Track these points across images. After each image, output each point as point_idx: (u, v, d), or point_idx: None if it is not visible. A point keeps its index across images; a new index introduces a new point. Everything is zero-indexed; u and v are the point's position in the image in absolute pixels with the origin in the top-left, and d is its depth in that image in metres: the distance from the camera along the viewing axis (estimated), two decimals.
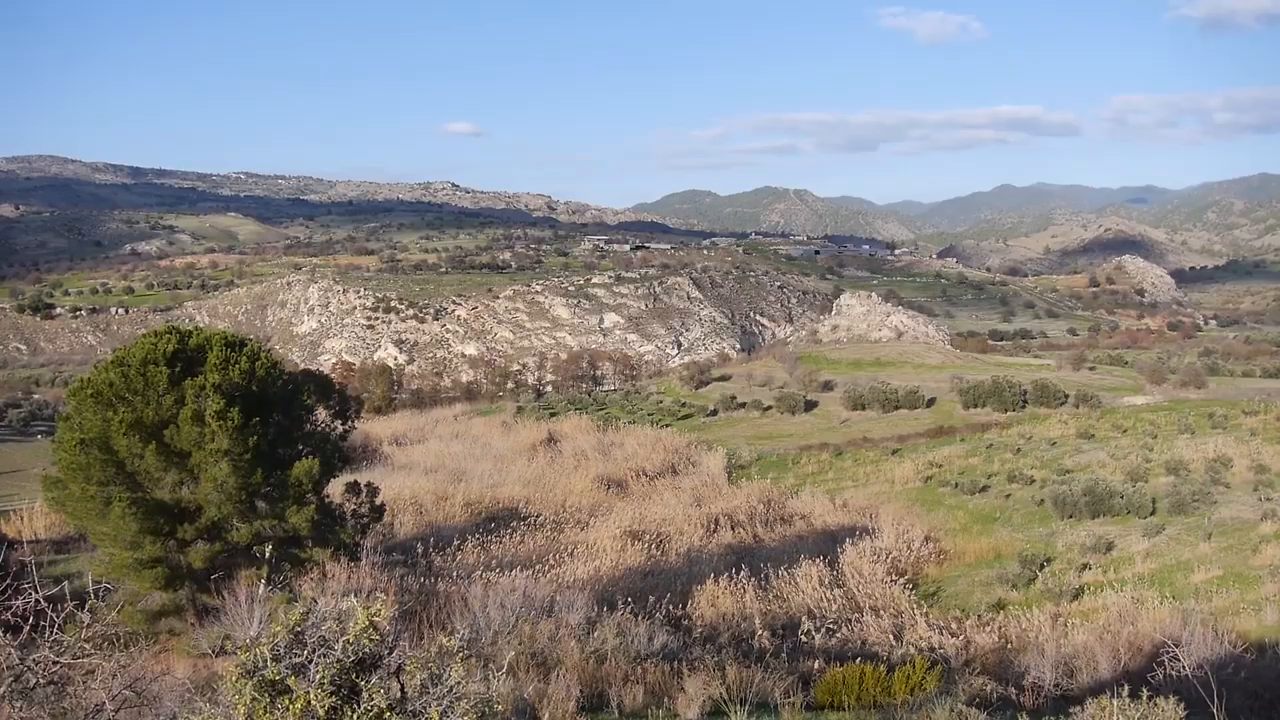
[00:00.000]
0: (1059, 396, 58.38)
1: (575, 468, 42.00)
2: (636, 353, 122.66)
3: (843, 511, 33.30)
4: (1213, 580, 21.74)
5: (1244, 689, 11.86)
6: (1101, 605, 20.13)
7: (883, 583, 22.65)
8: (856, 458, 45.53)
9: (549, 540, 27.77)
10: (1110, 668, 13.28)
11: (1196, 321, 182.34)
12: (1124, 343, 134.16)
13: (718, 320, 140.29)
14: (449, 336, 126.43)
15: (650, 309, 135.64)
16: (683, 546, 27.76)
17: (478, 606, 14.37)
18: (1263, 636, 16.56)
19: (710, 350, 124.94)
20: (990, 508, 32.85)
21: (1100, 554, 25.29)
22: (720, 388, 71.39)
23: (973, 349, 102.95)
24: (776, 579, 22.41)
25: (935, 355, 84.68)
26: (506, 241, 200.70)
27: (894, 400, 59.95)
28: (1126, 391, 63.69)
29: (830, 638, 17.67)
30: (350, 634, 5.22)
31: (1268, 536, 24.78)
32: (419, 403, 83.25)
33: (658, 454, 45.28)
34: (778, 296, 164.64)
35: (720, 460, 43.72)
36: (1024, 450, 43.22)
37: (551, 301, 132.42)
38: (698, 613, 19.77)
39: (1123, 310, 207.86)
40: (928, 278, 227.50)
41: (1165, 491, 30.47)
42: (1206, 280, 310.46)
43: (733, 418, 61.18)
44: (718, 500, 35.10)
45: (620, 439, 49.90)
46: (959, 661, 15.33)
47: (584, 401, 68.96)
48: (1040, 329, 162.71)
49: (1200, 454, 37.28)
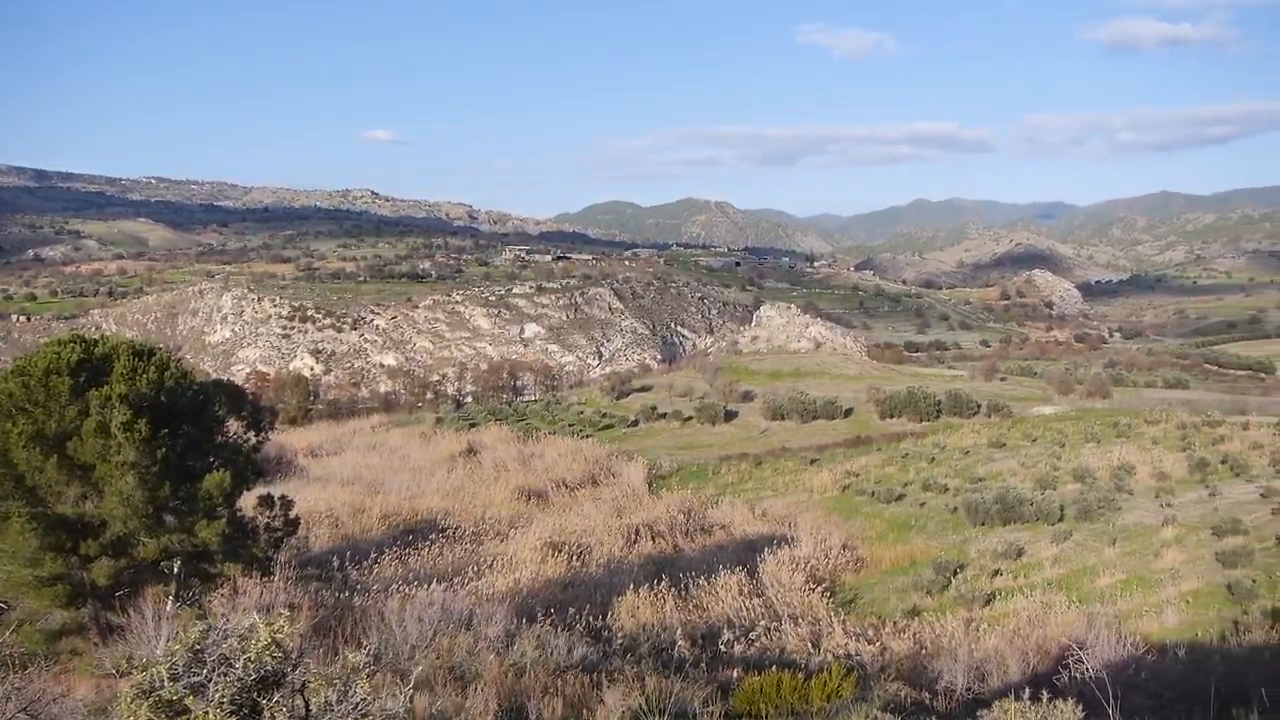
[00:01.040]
0: (972, 406, 59.66)
1: (495, 479, 41.63)
2: (558, 363, 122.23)
3: (762, 520, 33.55)
4: (1117, 584, 22.36)
5: (1145, 689, 12.19)
6: (1012, 610, 20.55)
7: (801, 591, 22.83)
8: (776, 467, 45.91)
9: (468, 552, 27.44)
10: (1020, 671, 13.54)
11: (1102, 334, 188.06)
12: (1034, 354, 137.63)
13: (639, 331, 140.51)
14: (367, 346, 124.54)
15: (572, 319, 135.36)
16: (603, 557, 27.67)
17: (394, 620, 14.10)
18: (1164, 638, 17.06)
19: (631, 361, 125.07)
20: (906, 515, 33.39)
21: (1011, 560, 25.84)
22: (641, 398, 71.46)
23: (889, 360, 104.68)
24: (697, 588, 22.43)
25: (853, 366, 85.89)
26: (427, 250, 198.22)
27: (813, 410, 60.63)
28: (1036, 401, 65.35)
29: (750, 646, 17.73)
30: (252, 651, 5.04)
31: (1168, 541, 25.61)
32: (336, 413, 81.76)
33: (578, 464, 45.12)
34: (699, 307, 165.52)
35: (641, 470, 43.74)
36: (938, 459, 44.05)
37: (472, 311, 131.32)
38: (618, 623, 19.69)
39: (1032, 322, 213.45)
40: (846, 289, 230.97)
41: (1073, 499, 31.31)
42: (1111, 294, 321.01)
43: (654, 428, 61.27)
44: (638, 510, 35.07)
45: (541, 449, 49.64)
46: (875, 667, 15.50)
47: (504, 412, 68.45)
48: (954, 340, 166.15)
49: (1106, 462, 38.40)
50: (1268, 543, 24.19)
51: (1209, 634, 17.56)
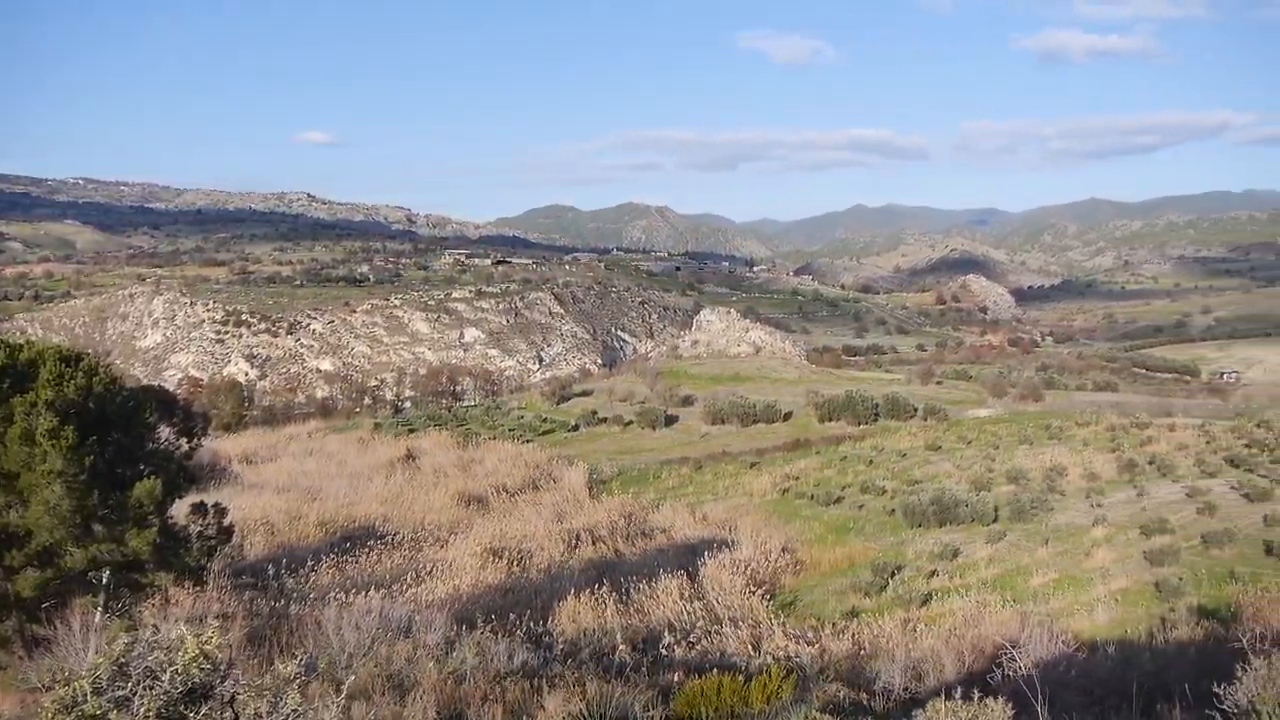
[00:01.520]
0: (909, 409, 60.46)
1: (435, 484, 41.28)
2: (498, 368, 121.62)
3: (703, 524, 33.63)
4: (1050, 583, 22.77)
5: (1076, 686, 12.42)
6: (948, 610, 20.83)
7: (742, 594, 22.92)
8: (716, 471, 46.08)
9: (407, 559, 27.16)
10: (956, 670, 13.72)
11: (1034, 338, 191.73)
12: (969, 358, 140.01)
13: (580, 335, 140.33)
14: (304, 351, 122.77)
15: (512, 324, 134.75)
16: (544, 562, 27.56)
17: (332, 629, 13.89)
18: (1095, 635, 17.41)
19: (572, 365, 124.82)
20: (845, 518, 33.69)
21: (947, 561, 26.19)
22: (582, 403, 71.35)
23: (828, 364, 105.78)
24: (638, 593, 22.42)
25: (792, 370, 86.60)
26: (365, 254, 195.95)
27: (752, 414, 60.99)
28: (971, 404, 66.43)
29: (690, 650, 17.75)
30: (179, 663, 4.91)
31: (1099, 540, 26.18)
32: (271, 420, 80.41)
33: (519, 470, 44.93)
34: (639, 312, 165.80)
35: (582, 475, 43.65)
36: (876, 462, 44.55)
37: (411, 316, 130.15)
38: (559, 629, 19.60)
39: (967, 326, 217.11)
40: (785, 294, 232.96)
41: (1007, 500, 31.86)
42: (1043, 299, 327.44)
43: (594, 433, 61.19)
44: (579, 515, 35.00)
45: (481, 455, 49.33)
46: (814, 669, 15.60)
47: (444, 417, 67.90)
48: (891, 344, 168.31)
49: (1038, 463, 39.16)
50: (1193, 541, 24.83)
51: (1138, 631, 17.94)
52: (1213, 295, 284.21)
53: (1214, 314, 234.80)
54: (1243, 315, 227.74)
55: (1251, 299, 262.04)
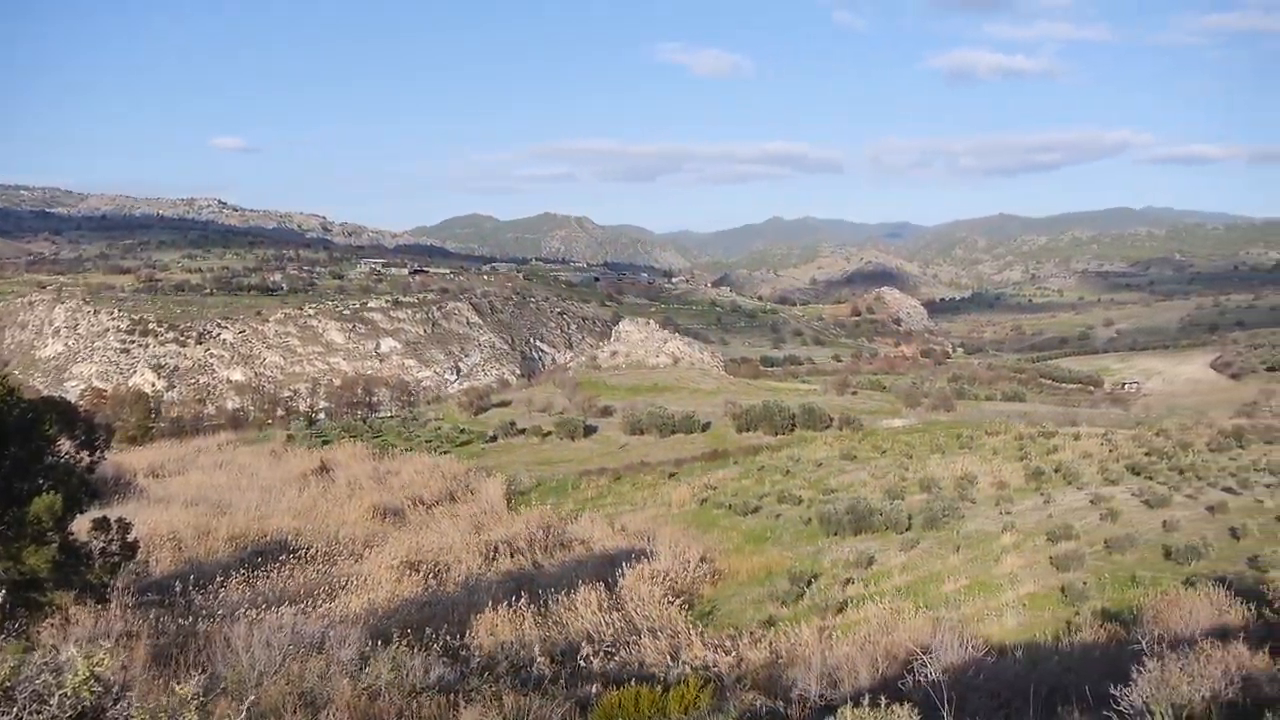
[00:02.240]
0: (825, 420, 61.26)
1: (349, 497, 40.59)
2: (415, 378, 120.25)
3: (621, 535, 33.61)
4: (961, 589, 23.23)
5: (984, 690, 12.66)
6: (863, 617, 21.10)
7: (660, 604, 22.93)
8: (635, 482, 46.13)
9: (321, 573, 26.61)
10: (870, 676, 13.89)
11: (946, 349, 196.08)
12: (883, 368, 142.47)
13: (498, 346, 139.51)
14: (213, 361, 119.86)
15: (429, 334, 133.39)
16: (461, 575, 27.24)
17: (241, 646, 13.54)
18: (1004, 640, 17.80)
19: (490, 376, 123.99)
20: (762, 527, 33.96)
21: (862, 568, 26.55)
22: (500, 413, 70.89)
23: (745, 374, 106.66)
24: (556, 604, 22.29)
25: (710, 381, 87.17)
26: (278, 262, 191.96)
27: (671, 425, 61.23)
28: (885, 414, 67.55)
29: (609, 661, 17.70)
30: (69, 686, 4.70)
31: (1008, 547, 26.82)
32: (179, 432, 78.35)
33: (436, 481, 44.41)
34: (558, 322, 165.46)
35: (500, 487, 43.33)
36: (793, 471, 45.03)
37: (325, 325, 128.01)
38: (476, 642, 19.38)
39: (882, 338, 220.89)
40: (703, 305, 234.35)
41: (920, 508, 32.46)
42: (954, 311, 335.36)
43: (513, 443, 60.81)
44: (497, 527, 34.72)
45: (397, 467, 48.66)
46: (732, 678, 15.67)
47: (359, 429, 66.84)
48: (808, 355, 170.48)
49: (950, 472, 39.99)
50: (1097, 546, 25.59)
51: (1045, 635, 18.38)
52: (1115, 308, 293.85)
53: (1116, 326, 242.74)
54: (1143, 328, 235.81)
55: (1151, 312, 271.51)
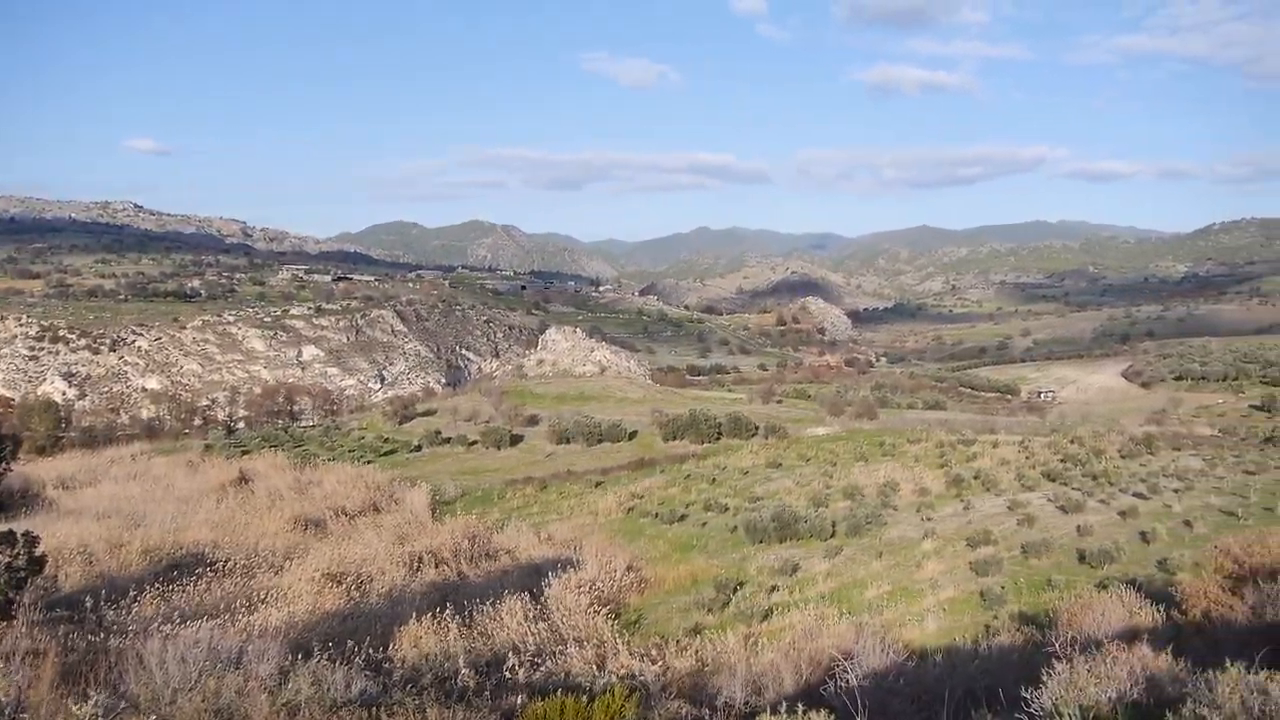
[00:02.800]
0: (750, 428, 61.73)
1: (269, 508, 39.78)
2: (337, 387, 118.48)
3: (548, 544, 33.46)
4: (884, 595, 23.58)
5: (904, 694, 12.87)
6: (788, 624, 21.29)
7: (586, 613, 22.87)
8: (561, 491, 46.00)
9: (239, 586, 26.00)
10: (794, 683, 14.03)
11: (869, 358, 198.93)
12: (808, 377, 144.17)
13: (423, 354, 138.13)
14: (128, 369, 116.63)
15: (353, 342, 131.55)
16: (385, 586, 26.85)
17: (155, 662, 13.17)
18: (925, 644, 18.11)
19: (415, 384, 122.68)
20: (688, 536, 34.09)
21: (787, 576, 26.79)
22: (425, 422, 70.21)
23: (672, 383, 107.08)
24: (481, 615, 22.09)
25: (637, 389, 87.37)
26: (196, 268, 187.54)
27: (598, 433, 61.21)
28: (810, 423, 68.29)
29: (535, 671, 17.58)
30: None
31: (929, 553, 27.30)
32: (91, 442, 75.96)
33: (359, 491, 43.76)
34: (484, 331, 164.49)
35: (424, 496, 42.88)
36: (719, 480, 45.29)
37: (245, 333, 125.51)
38: (400, 654, 19.12)
39: (806, 347, 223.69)
40: (630, 314, 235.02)
41: (843, 515, 32.88)
42: (878, 320, 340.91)
43: (438, 453, 60.26)
44: (422, 537, 34.29)
45: (319, 477, 47.85)
46: (658, 687, 15.68)
47: (280, 438, 65.63)
48: (734, 364, 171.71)
49: (873, 480, 40.57)
50: (1014, 551, 26.18)
51: (964, 638, 18.72)
52: (1031, 319, 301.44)
53: (1032, 336, 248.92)
54: (1058, 338, 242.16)
55: (1066, 322, 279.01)
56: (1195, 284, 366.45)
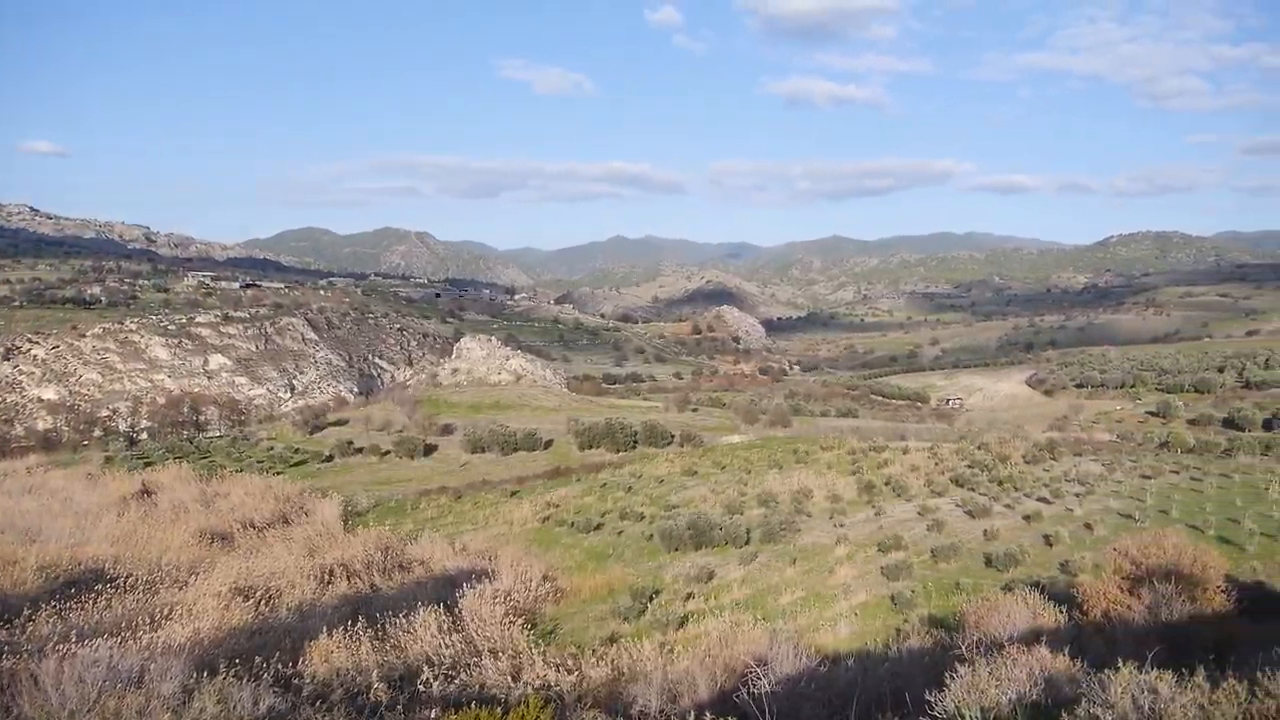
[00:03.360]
0: (666, 436, 62.00)
1: (173, 521, 38.65)
2: (245, 396, 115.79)
3: (462, 555, 33.12)
4: (797, 601, 23.84)
5: (816, 699, 13.02)
6: (704, 631, 21.37)
7: (501, 624, 22.68)
8: (476, 500, 45.63)
9: (141, 603, 25.18)
10: (709, 690, 14.09)
11: (783, 367, 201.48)
12: (723, 386, 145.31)
13: (334, 363, 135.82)
14: (22, 379, 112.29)
15: (262, 350, 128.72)
16: (295, 600, 26.27)
17: (50, 683, 12.70)
18: (838, 649, 18.36)
19: (326, 393, 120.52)
20: (604, 544, 34.07)
21: (703, 583, 26.93)
22: (337, 432, 69.05)
23: (588, 392, 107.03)
24: (395, 628, 21.76)
25: (553, 398, 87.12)
26: (96, 274, 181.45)
27: (513, 442, 60.87)
28: (725, 431, 68.87)
29: (449, 684, 17.37)
30: None
31: (841, 559, 27.70)
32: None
33: (268, 503, 42.80)
34: (398, 339, 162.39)
35: (336, 508, 42.12)
36: (635, 488, 45.36)
37: (149, 341, 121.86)
38: (310, 670, 18.72)
39: (721, 355, 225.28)
40: (546, 323, 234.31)
41: (758, 522, 33.18)
42: (791, 329, 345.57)
43: (349, 463, 59.29)
44: (333, 550, 33.65)
45: (226, 489, 46.65)
46: (573, 696, 15.63)
47: (185, 449, 63.89)
48: (650, 373, 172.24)
49: (787, 487, 41.02)
50: (924, 556, 26.70)
51: (876, 642, 19.02)
52: (940, 328, 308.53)
53: (941, 345, 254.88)
54: (965, 346, 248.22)
55: (972, 331, 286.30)
56: (1095, 294, 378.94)
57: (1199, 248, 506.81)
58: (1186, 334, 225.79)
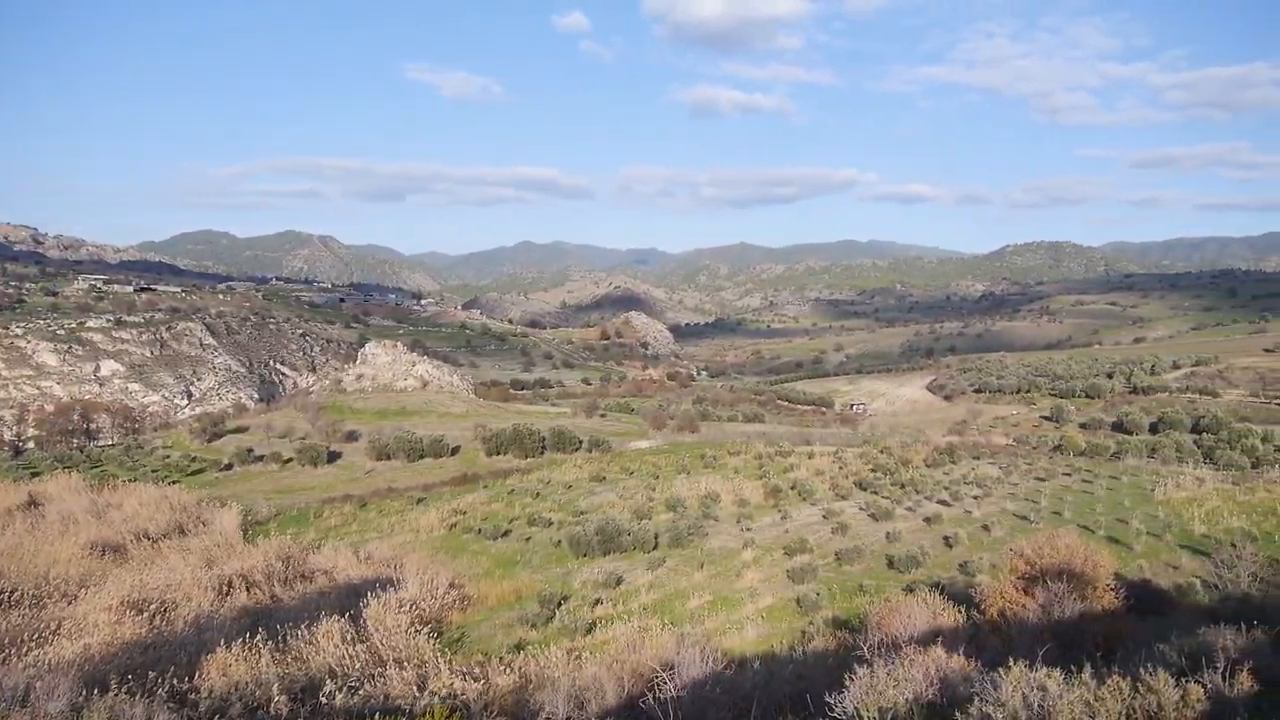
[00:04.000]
0: (575, 442, 61.86)
1: (62, 533, 37.23)
2: (140, 404, 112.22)
3: (367, 564, 32.57)
4: (705, 605, 23.99)
5: (722, 703, 13.11)
6: (612, 637, 21.37)
7: (407, 634, 22.36)
8: (381, 508, 44.94)
9: (27, 618, 24.21)
10: (616, 695, 14.08)
11: (691, 372, 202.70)
12: (631, 391, 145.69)
13: (234, 369, 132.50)
14: None
15: (157, 356, 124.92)
16: (191, 613, 25.53)
17: None
18: (744, 652, 18.50)
19: (226, 400, 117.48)
20: (512, 551, 33.85)
21: (611, 589, 26.93)
22: (236, 440, 67.29)
23: (495, 398, 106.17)
24: (296, 639, 21.29)
25: (460, 404, 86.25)
26: None
27: (419, 449, 60.09)
28: (633, 436, 68.97)
29: (353, 696, 17.06)
30: None
31: (748, 563, 27.97)
32: None
33: (163, 514, 41.48)
34: (300, 344, 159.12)
35: (235, 517, 41.05)
36: (543, 494, 45.17)
37: (35, 346, 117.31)
38: (208, 684, 18.20)
39: (630, 361, 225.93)
40: (453, 328, 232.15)
41: (666, 527, 33.31)
42: (699, 335, 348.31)
43: (250, 471, 57.84)
44: (232, 560, 32.78)
45: (119, 499, 45.09)
46: (479, 705, 15.49)
47: (75, 459, 61.61)
48: (558, 378, 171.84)
49: (694, 492, 41.28)
50: (829, 559, 27.12)
51: (782, 645, 19.23)
52: (844, 334, 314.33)
53: (845, 351, 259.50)
54: (869, 352, 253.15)
55: (875, 338, 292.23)
56: (992, 302, 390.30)
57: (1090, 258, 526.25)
58: (1078, 341, 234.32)
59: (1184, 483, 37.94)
